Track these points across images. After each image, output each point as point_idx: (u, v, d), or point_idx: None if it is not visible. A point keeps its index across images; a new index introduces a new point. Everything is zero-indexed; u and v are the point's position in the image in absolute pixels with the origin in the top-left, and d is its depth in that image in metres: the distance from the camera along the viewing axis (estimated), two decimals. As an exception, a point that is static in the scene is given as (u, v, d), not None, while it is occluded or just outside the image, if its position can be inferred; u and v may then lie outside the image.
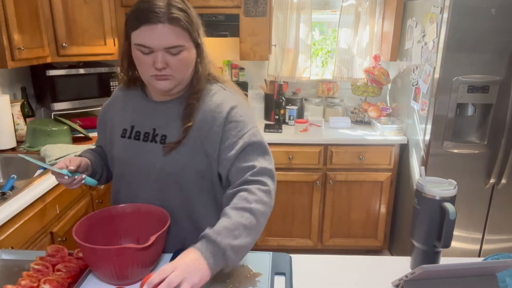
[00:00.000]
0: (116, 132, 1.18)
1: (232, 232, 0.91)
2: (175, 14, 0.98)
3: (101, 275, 1.01)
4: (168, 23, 0.97)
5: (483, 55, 2.11)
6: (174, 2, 1.00)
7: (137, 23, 0.99)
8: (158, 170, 1.10)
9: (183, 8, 1.01)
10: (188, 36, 1.02)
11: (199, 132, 1.08)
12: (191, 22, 1.02)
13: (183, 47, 1.01)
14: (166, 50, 1.00)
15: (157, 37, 0.98)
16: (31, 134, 2.17)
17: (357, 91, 3.00)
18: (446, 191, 1.03)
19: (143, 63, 1.02)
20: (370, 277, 1.08)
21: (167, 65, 1.01)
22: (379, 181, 2.69)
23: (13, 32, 1.96)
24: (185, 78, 1.08)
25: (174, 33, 0.99)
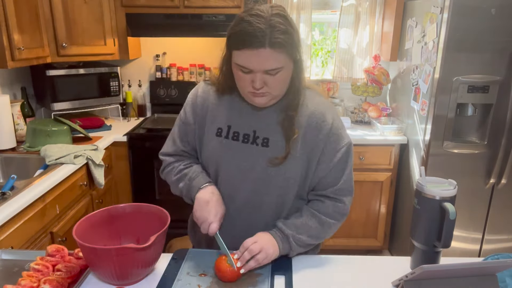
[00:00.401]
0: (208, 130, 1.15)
1: (297, 228, 1.12)
2: (278, 39, 0.95)
3: (101, 275, 1.01)
4: (270, 47, 0.95)
5: (483, 55, 2.11)
6: (277, 23, 0.96)
7: (239, 45, 0.98)
8: (259, 172, 1.11)
9: (285, 30, 0.97)
10: (288, 57, 1.00)
11: (304, 138, 1.10)
12: (293, 42, 1.00)
13: (282, 68, 1.00)
14: (266, 72, 0.99)
15: (258, 61, 0.97)
16: (31, 134, 2.17)
17: (357, 91, 3.00)
18: (446, 191, 1.03)
19: (242, 80, 1.03)
20: (370, 277, 1.08)
21: (265, 84, 1.01)
22: (379, 181, 2.69)
23: (13, 32, 1.96)
24: (282, 93, 1.08)
25: (276, 57, 0.97)
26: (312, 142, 1.10)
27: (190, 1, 2.62)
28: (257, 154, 1.10)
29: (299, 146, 1.10)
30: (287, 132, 1.08)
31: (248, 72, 1.00)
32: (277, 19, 0.96)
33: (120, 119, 2.97)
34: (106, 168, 2.36)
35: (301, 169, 1.11)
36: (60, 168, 1.92)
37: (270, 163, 1.09)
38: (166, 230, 1.03)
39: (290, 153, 1.08)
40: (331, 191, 1.14)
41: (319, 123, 1.10)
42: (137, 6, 2.63)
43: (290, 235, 1.10)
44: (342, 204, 1.16)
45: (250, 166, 1.11)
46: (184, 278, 1.03)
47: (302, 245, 1.13)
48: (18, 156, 2.12)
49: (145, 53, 3.08)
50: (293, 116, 1.08)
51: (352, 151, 1.18)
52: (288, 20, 0.99)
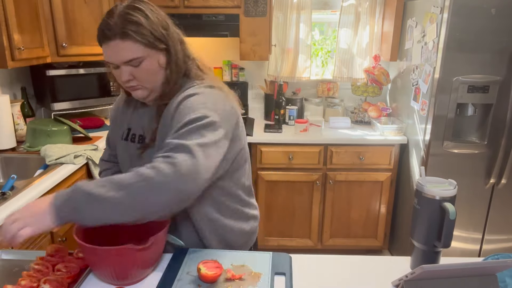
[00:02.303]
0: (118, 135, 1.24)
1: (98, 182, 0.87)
2: (125, 29, 0.98)
3: (101, 275, 1.01)
4: (120, 39, 0.99)
5: (483, 55, 2.11)
6: (127, 15, 0.99)
7: (99, 42, 1.04)
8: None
9: (136, 20, 0.99)
10: (143, 47, 1.01)
11: (164, 128, 1.08)
12: (147, 32, 1.00)
13: (141, 58, 1.02)
14: (127, 64, 1.02)
15: (113, 54, 1.01)
16: (31, 134, 2.17)
17: (357, 91, 3.00)
18: (446, 191, 1.03)
19: (116, 76, 1.08)
20: (370, 277, 1.08)
21: (133, 77, 1.05)
22: (379, 181, 2.69)
23: (13, 32, 1.96)
24: (156, 85, 1.08)
25: (128, 47, 1.00)
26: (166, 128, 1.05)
27: (190, 1, 2.62)
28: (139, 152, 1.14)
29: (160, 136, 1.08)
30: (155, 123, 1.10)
31: (115, 67, 1.05)
32: (128, 10, 1.00)
33: (120, 119, 2.96)
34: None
35: None
36: (60, 168, 1.92)
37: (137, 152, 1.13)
38: (167, 230, 1.03)
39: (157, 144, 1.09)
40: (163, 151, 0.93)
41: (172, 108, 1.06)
42: (137, 6, 2.63)
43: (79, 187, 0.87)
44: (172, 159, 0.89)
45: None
46: (184, 278, 1.03)
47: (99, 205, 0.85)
48: (18, 156, 2.12)
49: (145, 53, 3.07)
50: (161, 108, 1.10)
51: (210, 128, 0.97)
52: (143, 11, 1.01)
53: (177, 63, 1.09)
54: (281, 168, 2.66)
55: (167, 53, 1.07)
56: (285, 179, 2.69)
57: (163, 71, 1.07)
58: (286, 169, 2.67)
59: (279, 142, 2.63)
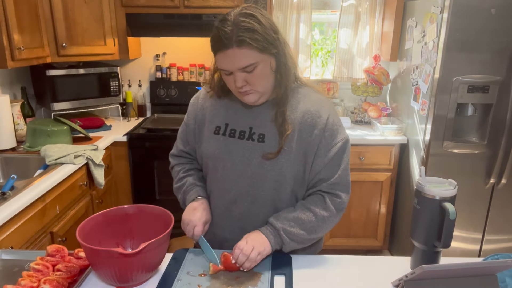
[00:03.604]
0: (207, 129, 1.20)
1: (289, 222, 1.11)
2: (241, 37, 1.00)
3: (102, 276, 1.01)
4: (236, 46, 1.01)
5: (483, 55, 2.11)
6: (242, 23, 1.01)
7: (214, 51, 1.07)
8: (254, 166, 1.13)
9: (251, 27, 1.01)
10: (258, 52, 1.03)
11: (300, 134, 1.12)
12: (261, 37, 1.02)
13: (256, 63, 1.04)
14: (242, 70, 1.04)
15: (229, 62, 1.03)
16: (31, 134, 2.17)
17: (357, 91, 3.00)
18: (446, 191, 1.03)
19: (228, 82, 1.10)
20: (370, 277, 1.08)
21: (246, 82, 1.06)
22: (379, 181, 2.69)
23: (13, 32, 1.96)
24: (267, 89, 1.11)
25: (244, 54, 1.02)
26: (308, 138, 1.12)
27: (190, 1, 2.62)
28: (253, 149, 1.13)
29: (294, 142, 1.11)
30: (280, 128, 1.11)
31: (228, 73, 1.07)
32: (242, 18, 1.02)
33: (120, 119, 2.97)
34: (106, 168, 2.36)
35: (296, 165, 1.12)
36: (60, 168, 1.92)
37: (264, 157, 1.11)
38: (170, 232, 1.03)
39: (284, 149, 1.10)
40: (326, 186, 1.14)
41: (315, 119, 1.12)
42: (137, 6, 2.63)
43: (280, 228, 1.10)
44: (338, 199, 1.15)
45: (247, 160, 1.13)
46: (184, 278, 1.03)
47: (295, 239, 1.12)
48: (18, 156, 2.12)
49: (145, 53, 3.08)
50: (284, 112, 1.12)
51: (348, 147, 1.17)
52: (255, 17, 1.03)
53: (287, 66, 1.11)
54: (281, 168, 2.66)
55: (277, 57, 1.09)
56: (285, 179, 2.68)
57: (274, 75, 1.10)
58: (286, 169, 2.67)
59: (279, 142, 2.62)
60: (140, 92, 3.08)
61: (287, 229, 1.10)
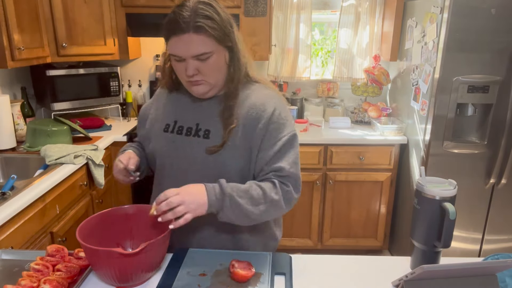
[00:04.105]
0: (156, 127, 1.21)
1: (239, 192, 1.05)
2: (199, 23, 1.00)
3: (102, 276, 1.01)
4: (193, 32, 1.00)
5: (483, 55, 2.11)
6: (201, 10, 1.01)
7: (167, 34, 1.04)
8: (200, 163, 1.12)
9: (209, 15, 1.01)
10: (214, 42, 1.03)
11: (244, 129, 1.11)
12: (218, 27, 1.03)
13: (210, 53, 1.04)
14: (195, 58, 1.03)
15: (184, 47, 1.02)
16: (31, 134, 2.17)
17: (357, 91, 3.00)
18: (446, 191, 1.03)
19: (178, 70, 1.08)
20: (370, 277, 1.08)
21: (198, 71, 1.06)
22: (379, 181, 2.69)
23: (13, 32, 1.96)
24: (218, 81, 1.11)
25: (200, 41, 1.01)
26: (252, 132, 1.11)
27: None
28: (198, 146, 1.13)
29: (239, 137, 1.10)
30: (225, 122, 1.11)
31: (180, 60, 1.05)
32: (201, 6, 1.02)
33: (120, 119, 2.97)
34: (106, 168, 2.36)
35: (241, 160, 1.11)
36: (60, 168, 1.92)
37: (207, 151, 1.11)
38: (170, 232, 1.03)
39: (227, 143, 1.09)
40: (275, 175, 1.10)
41: (259, 113, 1.11)
42: (137, 6, 2.63)
43: (228, 194, 1.03)
44: (287, 187, 1.10)
45: (192, 157, 1.13)
46: (184, 278, 1.03)
47: (236, 211, 1.05)
48: (18, 156, 2.12)
49: (145, 53, 3.08)
50: (231, 107, 1.11)
51: (296, 142, 1.14)
52: (214, 7, 1.04)
53: (240, 61, 1.11)
54: (281, 168, 2.66)
55: (231, 51, 1.09)
56: (285, 179, 2.68)
57: (226, 68, 1.10)
58: (286, 169, 2.67)
59: (279, 142, 2.62)
60: (140, 92, 3.08)
61: (234, 198, 1.03)
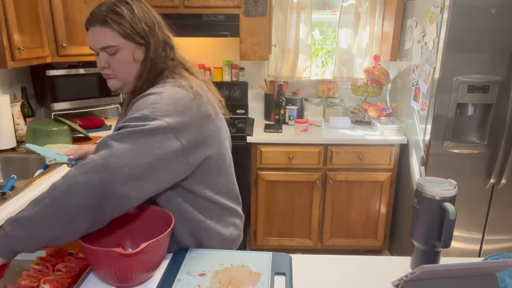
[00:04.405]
0: None
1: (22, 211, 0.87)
2: (107, 17, 1.05)
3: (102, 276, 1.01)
4: (99, 25, 1.06)
5: (483, 55, 2.11)
6: (113, 6, 1.06)
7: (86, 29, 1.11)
8: None
9: (118, 11, 1.06)
10: (120, 37, 1.06)
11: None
12: (127, 23, 1.06)
13: (116, 47, 1.07)
14: (104, 51, 1.08)
15: (92, 39, 1.09)
16: (31, 134, 2.17)
17: (357, 91, 3.00)
18: (446, 191, 1.03)
19: (97, 63, 1.12)
20: (370, 277, 1.08)
21: (108, 65, 1.10)
22: (379, 181, 2.69)
23: (13, 32, 1.96)
24: (129, 78, 1.12)
25: (105, 34, 1.06)
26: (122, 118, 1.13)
27: (190, 1, 2.62)
28: None
29: None
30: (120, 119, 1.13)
31: (96, 53, 1.10)
32: (117, 3, 1.07)
33: (120, 119, 2.97)
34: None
35: None
36: (60, 168, 1.92)
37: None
38: (170, 232, 1.03)
39: None
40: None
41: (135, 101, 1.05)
42: (137, 6, 2.63)
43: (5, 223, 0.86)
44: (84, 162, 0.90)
45: None
46: (184, 278, 1.03)
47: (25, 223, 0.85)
48: (18, 156, 2.12)
49: (145, 53, 3.07)
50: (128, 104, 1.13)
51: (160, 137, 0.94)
52: (129, 5, 1.08)
53: (154, 61, 1.11)
54: (281, 168, 2.66)
55: (146, 49, 1.10)
56: (285, 179, 2.69)
57: (137, 66, 1.11)
58: (286, 169, 2.67)
59: (279, 142, 2.63)
60: (140, 92, 3.07)
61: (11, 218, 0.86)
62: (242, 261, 1.11)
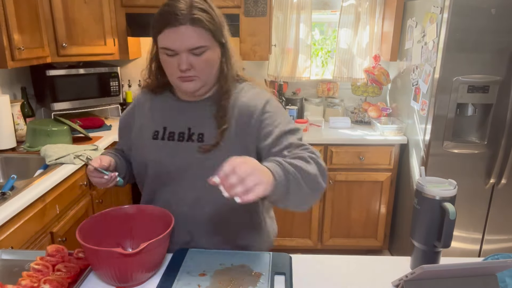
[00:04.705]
0: (145, 135, 1.17)
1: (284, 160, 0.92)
2: (197, 15, 0.99)
3: (101, 275, 1.01)
4: (190, 24, 0.99)
5: (483, 55, 2.11)
6: (196, 3, 1.01)
7: (161, 27, 1.00)
8: (196, 167, 1.10)
9: (205, 9, 1.01)
10: (210, 36, 1.02)
11: (237, 128, 1.09)
12: (214, 22, 1.03)
13: (206, 47, 1.02)
14: (190, 52, 1.01)
15: (180, 39, 0.99)
16: (31, 134, 2.17)
17: (357, 91, 3.00)
18: (446, 191, 1.03)
19: (169, 65, 1.04)
20: (370, 277, 1.08)
21: (192, 66, 1.03)
22: (379, 181, 2.69)
23: (13, 32, 1.96)
24: (210, 79, 1.09)
25: (196, 34, 1.00)
26: (246, 130, 1.09)
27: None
28: (193, 151, 1.10)
29: (232, 137, 1.09)
30: (219, 123, 1.09)
31: (173, 54, 1.02)
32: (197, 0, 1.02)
33: (120, 119, 2.97)
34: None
35: None
36: (60, 168, 1.92)
37: (199, 149, 1.08)
38: (170, 232, 1.03)
39: (224, 144, 1.07)
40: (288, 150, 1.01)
41: (251, 110, 1.09)
42: (137, 6, 2.63)
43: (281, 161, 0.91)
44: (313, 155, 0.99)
45: (188, 163, 1.11)
46: (184, 278, 1.03)
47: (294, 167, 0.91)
48: (18, 156, 2.12)
49: (145, 53, 3.06)
50: (225, 106, 1.09)
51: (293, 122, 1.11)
52: (208, 3, 1.04)
53: (231, 59, 1.11)
54: (281, 168, 2.66)
55: (224, 48, 1.08)
56: (285, 179, 2.68)
57: (218, 66, 1.09)
58: (286, 169, 2.67)
59: (279, 142, 2.62)
60: (140, 92, 3.07)
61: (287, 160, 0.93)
62: (242, 261, 1.11)
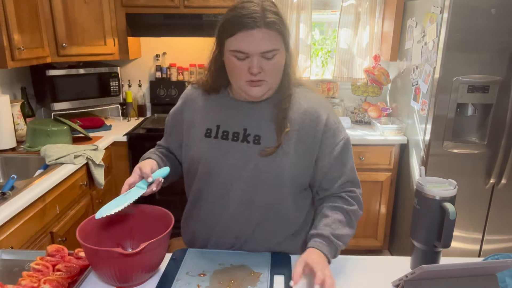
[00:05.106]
0: (197, 132, 1.15)
1: (330, 226, 1.08)
2: (270, 18, 0.98)
3: (102, 276, 1.01)
4: (265, 27, 0.97)
5: (483, 55, 2.11)
6: (268, 6, 1.00)
7: (233, 30, 0.99)
8: (250, 169, 1.08)
9: (276, 12, 1.01)
10: (282, 39, 1.02)
11: (298, 135, 1.09)
12: (284, 25, 1.02)
13: (277, 50, 1.01)
14: (262, 55, 1.00)
15: (254, 42, 0.98)
16: (31, 134, 2.17)
17: (357, 91, 3.00)
18: (446, 191, 1.03)
19: (237, 68, 1.02)
20: (370, 277, 1.08)
21: (262, 70, 1.01)
22: (379, 181, 2.69)
23: (13, 32, 1.96)
24: (276, 83, 1.08)
25: (270, 37, 0.99)
26: (308, 140, 1.10)
27: (190, 1, 2.62)
28: (249, 152, 1.09)
29: (293, 142, 1.08)
30: (280, 125, 1.08)
31: (244, 58, 1.00)
32: (268, 2, 1.01)
33: (120, 119, 2.97)
34: (106, 168, 2.36)
35: (295, 167, 1.09)
36: (60, 168, 1.92)
37: (261, 154, 1.07)
38: (170, 232, 1.02)
39: (282, 147, 1.07)
40: (337, 188, 1.14)
41: (314, 120, 1.10)
42: (137, 6, 2.63)
43: (329, 234, 1.06)
44: (353, 193, 1.15)
45: (242, 164, 1.09)
46: (184, 278, 1.03)
47: (344, 240, 1.08)
48: (18, 156, 2.12)
49: (145, 53, 3.08)
50: (285, 110, 1.09)
51: (350, 146, 1.17)
52: (276, 6, 1.04)
53: (293, 64, 1.11)
54: (281, 168, 2.66)
55: (288, 52, 1.08)
56: (285, 179, 2.68)
57: (283, 70, 1.08)
58: (286, 169, 2.67)
59: (279, 142, 2.62)
60: (140, 92, 3.08)
61: (335, 233, 1.07)
62: (242, 261, 1.11)
